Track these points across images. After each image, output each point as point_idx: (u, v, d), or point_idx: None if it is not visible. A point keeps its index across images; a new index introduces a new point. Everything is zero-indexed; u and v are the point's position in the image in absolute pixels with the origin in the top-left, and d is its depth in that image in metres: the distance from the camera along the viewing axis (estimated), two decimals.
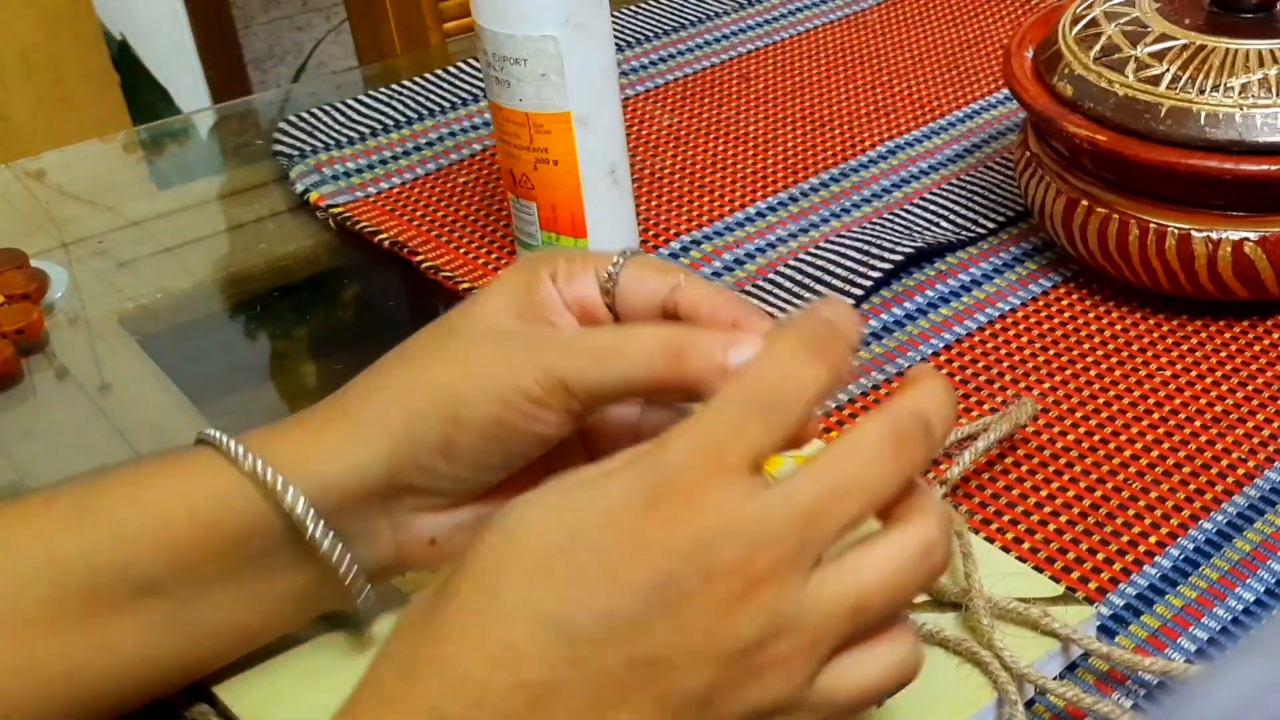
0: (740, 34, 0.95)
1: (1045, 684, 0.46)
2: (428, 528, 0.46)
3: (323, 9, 2.92)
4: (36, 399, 0.66)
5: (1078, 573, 0.52)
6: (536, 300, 0.46)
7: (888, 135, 0.82)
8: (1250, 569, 0.52)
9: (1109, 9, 0.67)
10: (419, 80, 0.90)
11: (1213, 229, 0.62)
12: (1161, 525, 0.54)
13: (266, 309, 0.72)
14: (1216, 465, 0.57)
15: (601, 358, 0.44)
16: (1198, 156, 0.61)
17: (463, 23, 1.10)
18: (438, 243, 0.74)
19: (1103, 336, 0.65)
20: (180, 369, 0.67)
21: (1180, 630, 0.50)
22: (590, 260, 0.47)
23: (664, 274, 0.46)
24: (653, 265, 0.47)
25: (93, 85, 1.59)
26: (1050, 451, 0.58)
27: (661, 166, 0.80)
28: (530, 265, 0.47)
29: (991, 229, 0.73)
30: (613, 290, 0.47)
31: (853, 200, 0.76)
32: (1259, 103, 0.61)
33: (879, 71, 0.89)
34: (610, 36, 0.66)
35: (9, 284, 0.70)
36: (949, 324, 0.66)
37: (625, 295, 0.47)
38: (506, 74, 0.65)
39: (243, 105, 0.98)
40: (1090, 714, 0.46)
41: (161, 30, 1.97)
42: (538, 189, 0.67)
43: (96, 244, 0.77)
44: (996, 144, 0.81)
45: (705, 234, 0.74)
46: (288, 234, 0.77)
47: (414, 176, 0.80)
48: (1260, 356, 0.63)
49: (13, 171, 0.84)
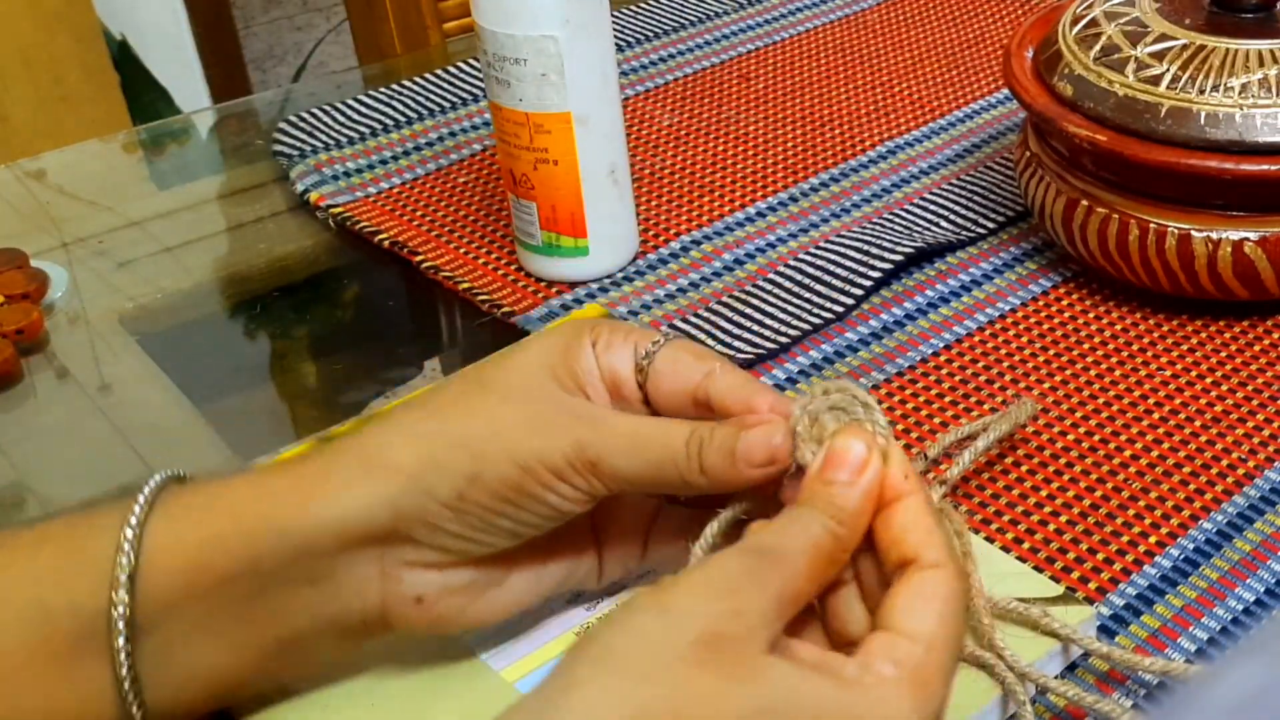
0: (740, 34, 0.95)
1: (1047, 683, 0.46)
2: (418, 584, 0.44)
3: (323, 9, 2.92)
4: (36, 399, 0.66)
5: (1078, 573, 0.52)
6: (575, 367, 0.45)
7: (888, 135, 0.82)
8: (1250, 569, 0.52)
9: (1109, 9, 0.67)
10: (419, 80, 0.90)
11: (1213, 229, 0.62)
12: (1161, 525, 0.54)
13: (266, 309, 0.72)
14: (1216, 465, 0.57)
15: (635, 444, 0.43)
16: (1198, 156, 0.61)
17: (463, 23, 1.10)
18: (438, 243, 0.74)
19: (1103, 336, 0.65)
20: (180, 369, 0.67)
21: (1180, 630, 0.50)
22: (632, 335, 0.46)
23: (699, 360, 0.45)
24: (690, 351, 0.46)
25: (93, 85, 1.59)
26: (1050, 451, 0.58)
27: (661, 166, 0.80)
28: (575, 329, 0.46)
29: (991, 229, 0.73)
30: (646, 369, 0.46)
31: (853, 200, 0.76)
32: (1259, 103, 0.61)
33: (879, 71, 0.89)
34: (610, 36, 0.66)
35: (9, 284, 0.70)
36: (949, 324, 0.66)
37: (659, 378, 0.46)
38: (506, 74, 0.65)
39: (243, 105, 0.98)
40: (1092, 713, 0.46)
41: (161, 30, 1.97)
42: (538, 189, 0.67)
43: (96, 244, 0.77)
44: (996, 144, 0.81)
45: (705, 234, 0.74)
46: (288, 234, 0.77)
47: (414, 176, 0.80)
48: (1260, 356, 0.63)
49: (13, 171, 0.84)
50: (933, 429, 0.60)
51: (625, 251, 0.71)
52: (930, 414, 0.61)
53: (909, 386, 0.62)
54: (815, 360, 0.64)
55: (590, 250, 0.69)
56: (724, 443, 0.43)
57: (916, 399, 0.61)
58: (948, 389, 0.62)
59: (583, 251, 0.69)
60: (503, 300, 0.69)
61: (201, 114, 1.24)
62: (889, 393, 0.62)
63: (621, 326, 0.47)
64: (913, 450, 0.58)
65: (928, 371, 0.63)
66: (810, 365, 0.64)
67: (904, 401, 0.61)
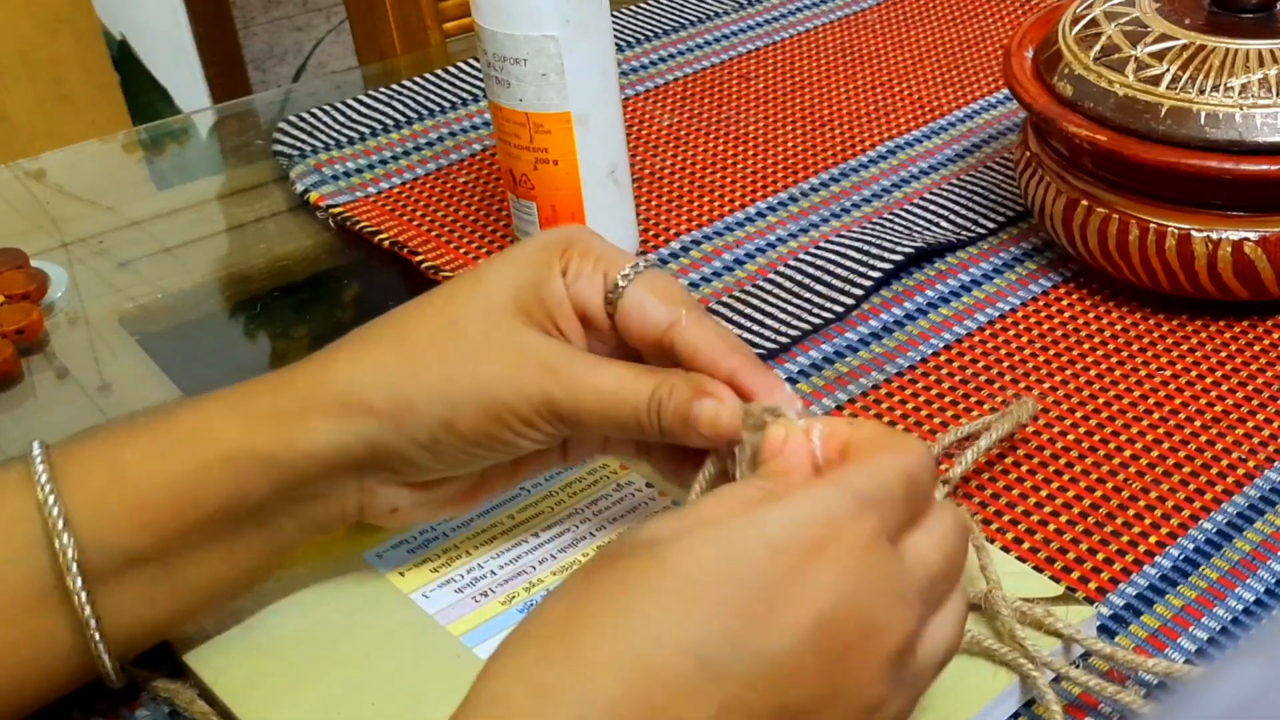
0: (740, 34, 0.95)
1: (1066, 670, 0.46)
2: (393, 499, 0.47)
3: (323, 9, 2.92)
4: (36, 399, 0.66)
5: (1078, 573, 0.52)
6: (544, 298, 0.46)
7: (888, 135, 0.82)
8: (1250, 569, 0.52)
9: (1109, 9, 0.67)
10: (419, 80, 0.90)
11: (1213, 229, 0.62)
12: (1161, 525, 0.54)
13: (266, 309, 0.72)
14: (1216, 465, 0.57)
15: (601, 401, 0.45)
16: (1198, 156, 0.61)
17: (463, 23, 1.10)
18: (438, 243, 0.74)
19: (1103, 336, 0.65)
20: (180, 369, 0.67)
21: (1180, 630, 0.50)
22: (602, 262, 0.47)
23: (669, 304, 0.46)
24: (661, 289, 0.46)
25: (93, 85, 1.59)
26: (1050, 451, 0.58)
27: (661, 166, 0.80)
28: (544, 255, 0.47)
29: (991, 229, 0.73)
30: (616, 302, 0.46)
31: (853, 200, 0.76)
32: (1259, 103, 0.61)
33: (879, 71, 0.89)
34: (610, 36, 0.66)
35: (9, 284, 0.70)
36: (949, 324, 0.66)
37: (627, 315, 0.46)
38: (506, 74, 0.65)
39: (243, 105, 0.98)
40: (1106, 702, 0.46)
41: (161, 30, 1.97)
42: (538, 189, 0.67)
43: (96, 244, 0.77)
44: (996, 144, 0.81)
45: (705, 234, 0.74)
46: (288, 234, 0.77)
47: (414, 176, 0.80)
48: (1260, 356, 0.63)
49: (13, 171, 0.84)
50: (933, 429, 0.60)
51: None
52: (930, 414, 0.60)
53: (909, 386, 0.62)
54: (815, 360, 0.64)
55: None
56: (679, 407, 0.44)
57: (916, 399, 0.61)
58: (948, 389, 0.62)
59: None
60: None
61: (201, 114, 1.23)
62: (889, 392, 0.62)
63: (592, 249, 0.47)
64: None
65: (928, 371, 0.63)
66: (810, 365, 0.64)
67: (904, 401, 0.61)
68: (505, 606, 0.50)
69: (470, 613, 0.49)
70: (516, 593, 0.50)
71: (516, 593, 0.50)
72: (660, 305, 0.46)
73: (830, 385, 0.63)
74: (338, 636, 0.49)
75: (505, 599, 0.50)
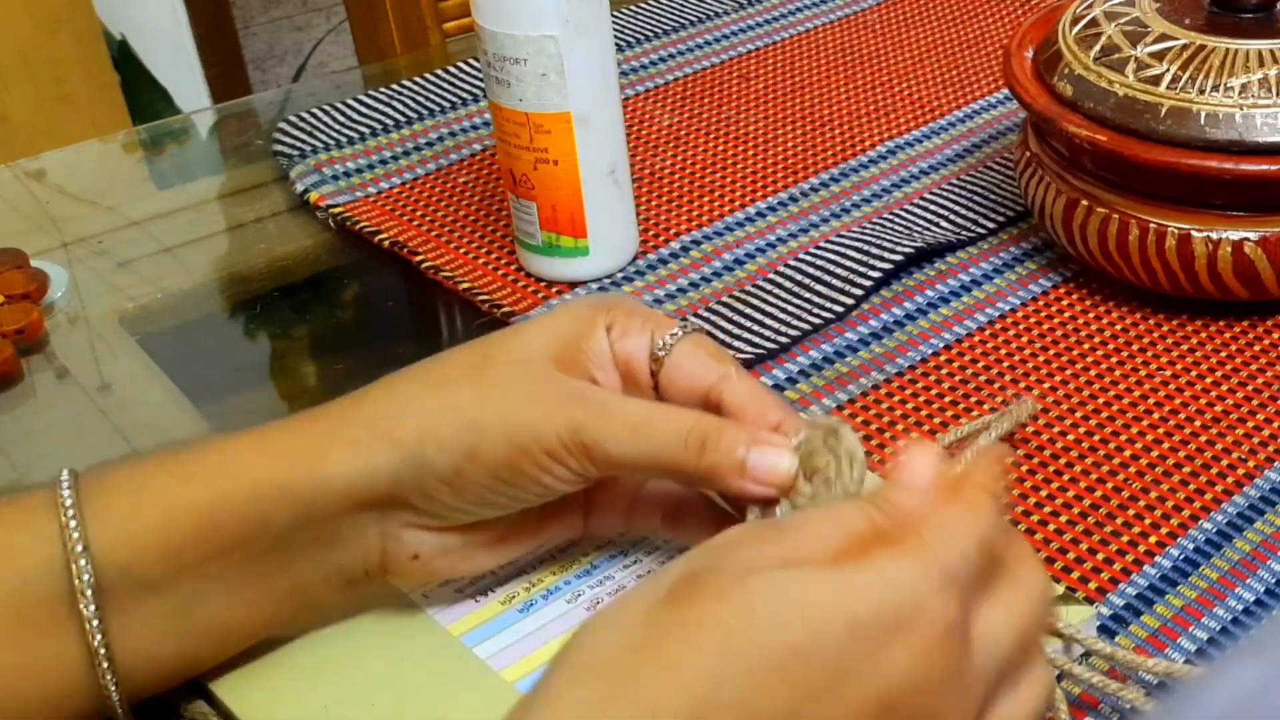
0: (740, 34, 0.95)
1: (1069, 667, 0.46)
2: (415, 544, 0.46)
3: (323, 9, 2.92)
4: (36, 399, 0.66)
5: (1078, 573, 0.52)
6: (586, 348, 0.46)
7: (888, 135, 0.82)
8: (1250, 569, 0.52)
9: (1109, 9, 0.67)
10: (419, 80, 0.90)
11: (1213, 229, 0.62)
12: (1161, 525, 0.54)
13: (266, 309, 0.72)
14: (1216, 465, 0.57)
15: (632, 431, 0.44)
16: (1198, 156, 0.61)
17: (463, 23, 1.10)
18: (438, 243, 0.74)
19: (1103, 336, 0.65)
20: (180, 369, 0.67)
21: (1180, 630, 0.50)
22: (649, 323, 0.47)
23: (715, 361, 0.46)
24: (707, 348, 0.47)
25: (93, 85, 1.59)
26: (1050, 451, 0.58)
27: (661, 166, 0.80)
28: (590, 311, 0.47)
29: (991, 229, 0.73)
30: (661, 359, 0.46)
31: (853, 200, 0.76)
32: (1259, 103, 0.61)
33: (879, 71, 0.89)
34: (610, 36, 0.66)
35: (9, 284, 0.70)
36: (949, 324, 0.66)
37: (672, 371, 0.46)
38: (506, 74, 0.65)
39: (243, 105, 0.98)
40: (1106, 701, 0.46)
41: (161, 30, 1.97)
42: (538, 189, 0.67)
43: (96, 244, 0.77)
44: (996, 144, 0.81)
45: (705, 234, 0.74)
46: (288, 234, 0.77)
47: (414, 176, 0.80)
48: (1260, 356, 0.63)
49: (13, 171, 0.84)
50: (933, 429, 0.60)
51: (625, 251, 0.71)
52: (930, 414, 0.61)
53: (909, 386, 0.62)
54: (815, 360, 0.64)
55: (590, 250, 0.69)
56: (732, 448, 0.43)
57: (916, 399, 0.61)
58: (948, 389, 0.62)
59: (583, 252, 0.69)
60: (503, 300, 0.69)
61: (201, 114, 1.23)
62: (889, 392, 0.62)
63: (639, 311, 0.47)
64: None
65: (928, 371, 0.63)
66: (810, 365, 0.64)
67: (904, 401, 0.61)
68: (505, 606, 0.50)
69: (470, 612, 0.49)
70: (516, 593, 0.50)
71: (516, 593, 0.50)
72: (710, 361, 0.46)
73: (830, 385, 0.63)
74: (337, 636, 0.49)
75: (505, 599, 0.50)
